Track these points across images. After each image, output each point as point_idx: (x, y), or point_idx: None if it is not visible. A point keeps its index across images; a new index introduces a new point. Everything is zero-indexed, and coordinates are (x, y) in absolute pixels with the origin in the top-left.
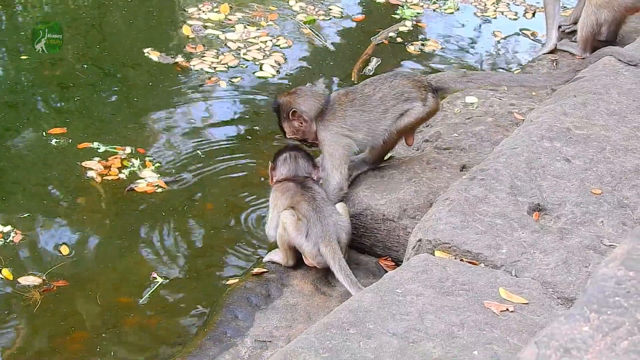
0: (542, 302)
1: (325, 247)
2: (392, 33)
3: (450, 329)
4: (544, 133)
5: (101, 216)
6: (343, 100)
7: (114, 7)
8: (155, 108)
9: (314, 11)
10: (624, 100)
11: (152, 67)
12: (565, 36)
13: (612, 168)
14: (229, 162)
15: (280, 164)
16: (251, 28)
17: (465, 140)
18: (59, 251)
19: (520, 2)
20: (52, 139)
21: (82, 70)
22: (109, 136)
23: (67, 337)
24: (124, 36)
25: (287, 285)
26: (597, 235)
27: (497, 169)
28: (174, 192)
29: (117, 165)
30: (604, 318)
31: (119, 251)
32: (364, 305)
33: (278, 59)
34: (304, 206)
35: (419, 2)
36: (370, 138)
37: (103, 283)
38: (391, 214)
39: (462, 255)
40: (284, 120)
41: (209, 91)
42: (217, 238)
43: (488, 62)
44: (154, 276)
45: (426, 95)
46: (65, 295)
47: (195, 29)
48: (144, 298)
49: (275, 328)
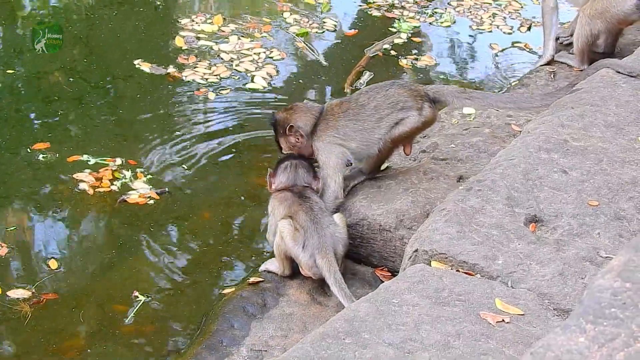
0: (538, 314)
1: (321, 258)
2: (387, 45)
3: (446, 339)
4: (542, 144)
5: (93, 228)
6: (336, 111)
7: (99, 20)
8: (143, 119)
9: (307, 24)
10: (622, 112)
11: (143, 79)
12: (563, 48)
13: (609, 180)
14: (218, 174)
15: (280, 172)
16: (245, 40)
17: (463, 151)
18: (48, 265)
19: (516, 16)
20: (38, 155)
21: (68, 83)
22: (93, 148)
23: (59, 349)
24: (113, 49)
25: (283, 295)
26: (593, 247)
27: (494, 179)
28: (166, 203)
29: (108, 177)
30: (600, 329)
31: (110, 262)
32: (360, 315)
33: (270, 71)
34: (301, 216)
35: (415, 16)
36: (364, 147)
37: (96, 294)
38: (388, 224)
39: (459, 266)
40: (281, 135)
41: (197, 102)
42: (210, 249)
43: (484, 75)
44: (135, 295)
45: (422, 105)
46: (56, 308)
47: (189, 40)
48: (129, 317)
49: (271, 337)
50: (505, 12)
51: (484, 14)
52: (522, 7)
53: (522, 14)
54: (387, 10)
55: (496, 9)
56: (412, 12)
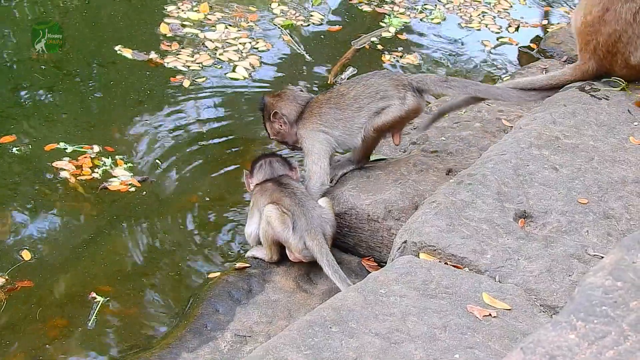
0: (525, 309)
1: (311, 240)
2: (374, 38)
3: (433, 331)
4: (533, 141)
5: (75, 214)
6: (320, 99)
7: (75, 7)
8: (115, 106)
9: (293, 16)
10: (614, 112)
11: (124, 65)
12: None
13: (599, 178)
14: (195, 161)
15: (256, 170)
16: (232, 29)
17: (453, 144)
18: (21, 256)
19: (505, 15)
20: (11, 148)
21: (40, 71)
22: (67, 136)
23: (42, 327)
24: (92, 34)
25: (268, 281)
26: (581, 245)
27: (485, 174)
28: (147, 190)
29: (88, 164)
30: (590, 327)
31: (97, 245)
32: (348, 304)
33: (253, 62)
34: (286, 201)
35: (406, 12)
36: (347, 136)
37: (84, 274)
38: (376, 215)
39: (447, 259)
40: (267, 120)
41: (172, 89)
42: (192, 235)
43: (474, 71)
44: (93, 296)
45: (405, 94)
46: (31, 294)
47: (173, 27)
48: (91, 321)
49: (256, 323)
50: (494, 11)
51: (473, 12)
52: (511, 6)
53: (511, 14)
54: (377, 5)
55: (485, 7)
56: (403, 8)
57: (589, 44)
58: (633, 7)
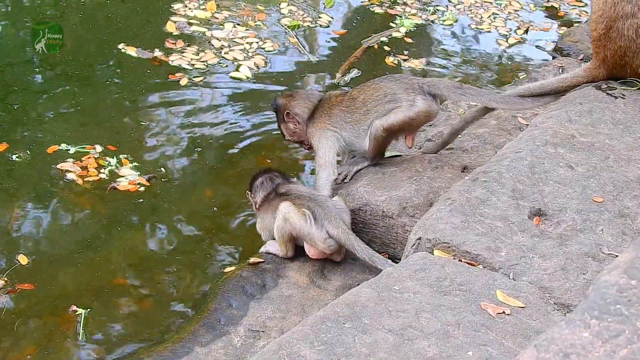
0: (539, 307)
1: (334, 228)
2: (384, 38)
3: (446, 328)
4: (549, 139)
5: (88, 215)
6: (333, 101)
7: (85, 4)
8: (115, 104)
9: (301, 17)
10: (630, 110)
11: (128, 64)
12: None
13: (614, 177)
14: (203, 158)
15: (258, 188)
16: (240, 28)
17: (468, 142)
18: (18, 260)
19: (514, 17)
20: (10, 155)
21: (35, 72)
22: (67, 135)
23: (57, 319)
24: (93, 33)
25: (282, 277)
26: (596, 243)
27: (500, 171)
28: (157, 189)
29: (93, 165)
30: (604, 325)
31: (109, 242)
32: (361, 300)
33: (258, 62)
34: (297, 200)
35: (417, 13)
36: (354, 138)
37: (97, 267)
38: (390, 211)
39: (461, 256)
40: (281, 121)
41: (170, 87)
42: (205, 230)
43: (487, 71)
44: (74, 309)
45: (414, 97)
46: (52, 287)
47: (180, 25)
48: (81, 335)
49: (269, 318)
50: (504, 12)
51: (484, 13)
52: (522, 7)
53: (522, 15)
54: (389, 7)
55: (496, 9)
56: (414, 9)
57: (599, 55)
58: (634, 23)
